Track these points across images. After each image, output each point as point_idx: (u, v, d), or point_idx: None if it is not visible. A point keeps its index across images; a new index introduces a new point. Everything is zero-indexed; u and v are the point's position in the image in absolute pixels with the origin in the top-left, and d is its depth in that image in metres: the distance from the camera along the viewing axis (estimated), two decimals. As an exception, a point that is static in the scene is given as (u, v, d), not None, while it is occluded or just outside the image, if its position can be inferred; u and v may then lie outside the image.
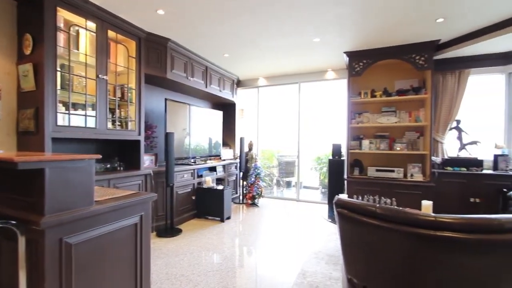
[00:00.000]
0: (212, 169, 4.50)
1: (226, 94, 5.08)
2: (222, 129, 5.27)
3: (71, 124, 2.51)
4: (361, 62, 3.91)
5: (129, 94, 3.14)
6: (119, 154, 3.29)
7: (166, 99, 3.82)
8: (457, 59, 3.88)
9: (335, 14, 2.86)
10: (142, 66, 3.29)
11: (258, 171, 4.82)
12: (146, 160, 3.50)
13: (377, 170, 3.90)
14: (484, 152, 3.79)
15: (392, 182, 3.74)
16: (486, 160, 3.71)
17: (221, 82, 4.88)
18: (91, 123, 2.67)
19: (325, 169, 4.79)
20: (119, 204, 1.27)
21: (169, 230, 3.36)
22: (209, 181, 4.03)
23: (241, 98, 5.83)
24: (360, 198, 3.02)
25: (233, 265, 2.54)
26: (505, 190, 3.31)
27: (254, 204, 4.86)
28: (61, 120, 2.44)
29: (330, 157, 4.35)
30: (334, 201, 1.25)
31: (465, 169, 3.66)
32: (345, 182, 4.07)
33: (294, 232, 3.50)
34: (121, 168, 3.15)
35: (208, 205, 3.95)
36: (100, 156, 1.28)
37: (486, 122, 4.02)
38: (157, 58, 3.47)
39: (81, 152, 2.82)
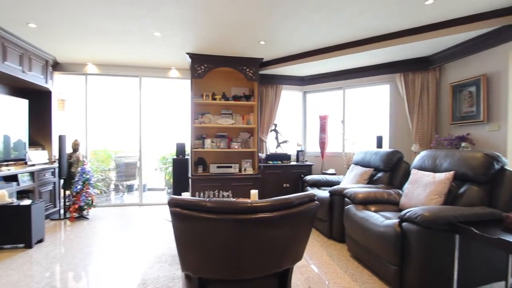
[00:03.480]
0: (11, 178, 3.28)
1: (34, 77, 3.83)
2: (30, 124, 3.95)
3: None
4: (202, 66, 4.14)
5: None
6: None
7: None
8: (274, 76, 4.94)
9: (175, 12, 2.85)
10: None
11: (87, 176, 4.00)
12: None
13: (218, 167, 4.27)
14: (291, 149, 5.07)
15: (230, 177, 4.23)
16: (292, 155, 4.96)
17: (25, 60, 3.63)
18: None
19: (171, 169, 4.70)
20: None
21: None
22: (3, 196, 2.89)
23: (60, 86, 4.62)
24: (202, 194, 3.19)
25: (44, 302, 1.95)
26: (302, 175, 4.58)
27: (82, 217, 4.00)
28: None
29: (175, 157, 4.31)
30: (167, 201, 1.23)
31: (280, 162, 4.73)
32: (190, 180, 4.18)
33: (135, 240, 3.19)
34: None
35: (3, 230, 2.83)
36: None
37: (292, 126, 5.38)
38: None
39: None
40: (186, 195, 2.83)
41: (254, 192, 2.88)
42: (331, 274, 2.33)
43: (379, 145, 4.06)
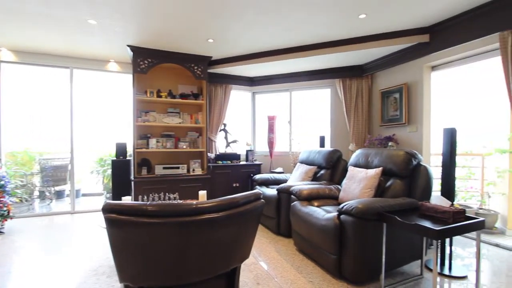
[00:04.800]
0: None
1: None
2: None
3: None
4: (146, 60, 3.88)
5: None
6: None
7: None
8: (224, 75, 4.91)
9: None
10: None
11: (1, 182, 3.39)
12: None
13: (164, 168, 4.05)
14: (241, 148, 5.10)
15: (177, 178, 4.05)
16: (242, 154, 5.00)
17: None
18: None
19: (110, 171, 4.28)
20: None
21: None
22: None
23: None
24: (146, 197, 2.98)
25: None
26: (252, 175, 4.65)
27: (-6, 232, 3.36)
28: None
29: (114, 158, 3.94)
30: (102, 207, 1.11)
31: (229, 161, 4.72)
32: (132, 183, 3.88)
33: (65, 254, 2.81)
34: None
35: None
36: None
37: (242, 126, 5.42)
38: None
39: None
40: (126, 199, 2.61)
41: (202, 193, 2.81)
42: (278, 269, 2.42)
43: (322, 144, 4.37)
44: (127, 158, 4.04)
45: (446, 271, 2.30)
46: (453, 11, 2.84)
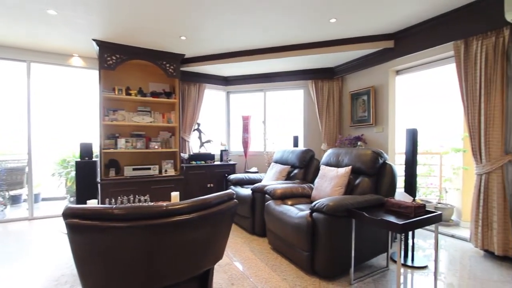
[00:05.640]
0: None
1: None
2: None
3: None
4: (114, 56, 3.68)
5: None
6: None
7: None
8: (198, 74, 4.81)
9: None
10: None
11: None
12: None
13: (134, 169, 3.88)
14: (215, 148, 5.04)
15: (148, 179, 3.90)
16: (216, 154, 4.94)
17: None
18: None
19: (74, 173, 4.00)
20: None
21: None
22: None
23: None
24: (114, 200, 2.84)
25: None
26: (226, 175, 4.61)
27: None
28: None
29: (79, 159, 3.70)
30: (62, 212, 1.03)
31: (203, 162, 4.64)
32: (99, 186, 3.66)
33: (23, 263, 2.58)
34: None
35: None
36: None
37: (216, 126, 5.35)
38: None
39: None
40: (92, 203, 2.46)
41: (175, 194, 2.73)
42: (253, 268, 2.42)
43: (295, 144, 4.46)
44: (93, 159, 3.80)
45: (409, 262, 2.45)
46: (415, 20, 3.05)
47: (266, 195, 3.00)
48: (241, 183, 3.96)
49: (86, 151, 3.72)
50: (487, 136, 2.53)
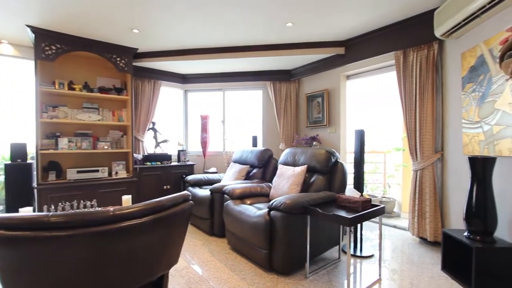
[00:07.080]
0: None
1: None
2: None
3: None
4: (54, 46, 3.29)
5: None
6: None
7: None
8: (152, 70, 4.56)
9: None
10: None
11: None
12: None
13: (79, 172, 3.52)
14: (172, 148, 4.84)
15: (96, 183, 3.57)
16: (173, 155, 4.74)
17: None
18: None
19: (3, 177, 3.46)
20: None
21: None
22: None
23: None
24: (54, 207, 2.53)
25: None
26: (184, 176, 4.46)
27: None
28: None
29: (9, 162, 3.22)
30: (-18, 223, 0.88)
31: (159, 163, 4.41)
32: (35, 191, 3.24)
33: None
34: None
35: None
36: None
37: (173, 125, 5.15)
38: None
39: None
40: (26, 211, 2.16)
41: (126, 198, 2.54)
42: (212, 270, 2.38)
43: (254, 144, 4.50)
44: (28, 161, 3.35)
45: (358, 253, 2.66)
46: (363, 29, 3.31)
47: (225, 195, 2.97)
48: (200, 183, 3.86)
49: (18, 152, 3.25)
50: (421, 136, 2.86)
